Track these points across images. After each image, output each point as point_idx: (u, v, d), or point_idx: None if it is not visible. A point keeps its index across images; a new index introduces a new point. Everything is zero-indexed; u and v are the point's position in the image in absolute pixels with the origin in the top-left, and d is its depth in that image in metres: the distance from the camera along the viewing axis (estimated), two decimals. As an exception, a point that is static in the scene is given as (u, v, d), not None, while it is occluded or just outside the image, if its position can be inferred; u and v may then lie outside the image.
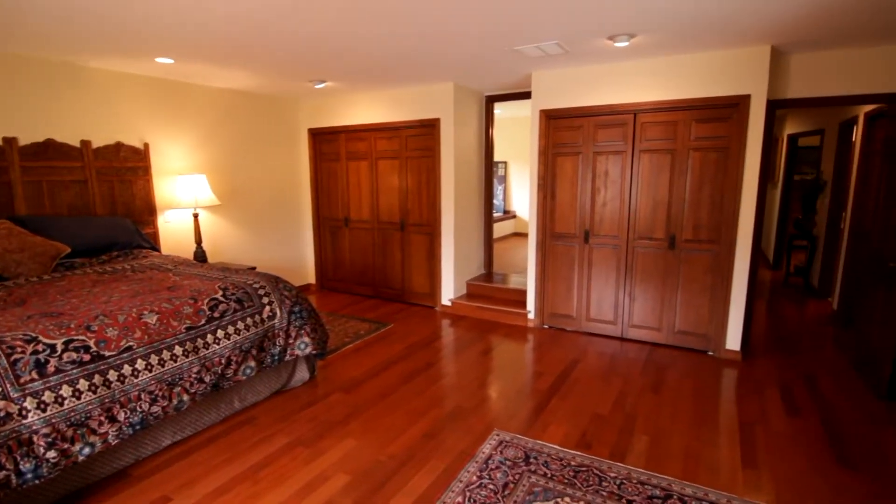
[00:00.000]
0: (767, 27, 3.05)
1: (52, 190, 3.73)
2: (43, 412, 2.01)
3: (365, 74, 4.41)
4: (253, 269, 4.13)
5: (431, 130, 5.07)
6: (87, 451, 2.12)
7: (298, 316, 3.23)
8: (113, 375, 2.26)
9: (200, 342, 2.67)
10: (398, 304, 5.57)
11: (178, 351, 2.55)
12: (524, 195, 9.95)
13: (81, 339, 2.24)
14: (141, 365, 2.38)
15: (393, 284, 5.66)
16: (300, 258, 6.20)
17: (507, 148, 9.73)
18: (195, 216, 4.55)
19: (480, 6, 2.64)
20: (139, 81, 4.26)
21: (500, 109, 7.42)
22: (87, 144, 3.91)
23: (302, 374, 3.43)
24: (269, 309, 3.10)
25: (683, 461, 2.52)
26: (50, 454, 1.99)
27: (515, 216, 10.21)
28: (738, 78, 3.59)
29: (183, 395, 2.51)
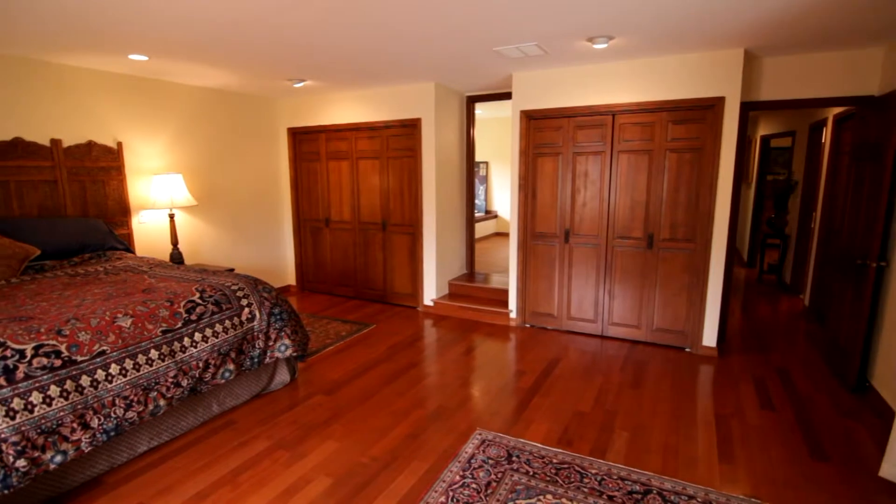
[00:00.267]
0: (740, 31, 3.12)
1: (20, 190, 3.61)
2: (12, 420, 1.95)
3: (345, 74, 4.38)
4: (231, 270, 4.07)
5: (413, 130, 5.06)
6: (58, 459, 2.06)
7: (278, 318, 3.19)
8: (86, 381, 2.20)
9: (177, 345, 2.62)
10: (380, 304, 5.55)
11: (153, 355, 2.49)
12: (505, 195, 10.00)
13: (52, 343, 2.18)
14: (115, 370, 2.32)
15: (375, 285, 5.63)
16: (280, 259, 6.13)
17: (488, 148, 9.77)
18: (171, 217, 4.46)
19: (460, 7, 2.65)
20: (112, 79, 4.16)
21: (481, 110, 7.45)
22: (57, 143, 3.80)
23: (282, 376, 3.39)
24: (248, 311, 3.05)
25: (662, 456, 2.56)
26: (20, 463, 1.93)
27: (497, 216, 10.26)
28: (712, 80, 3.67)
29: (159, 399, 2.46)
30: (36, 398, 2.03)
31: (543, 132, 4.40)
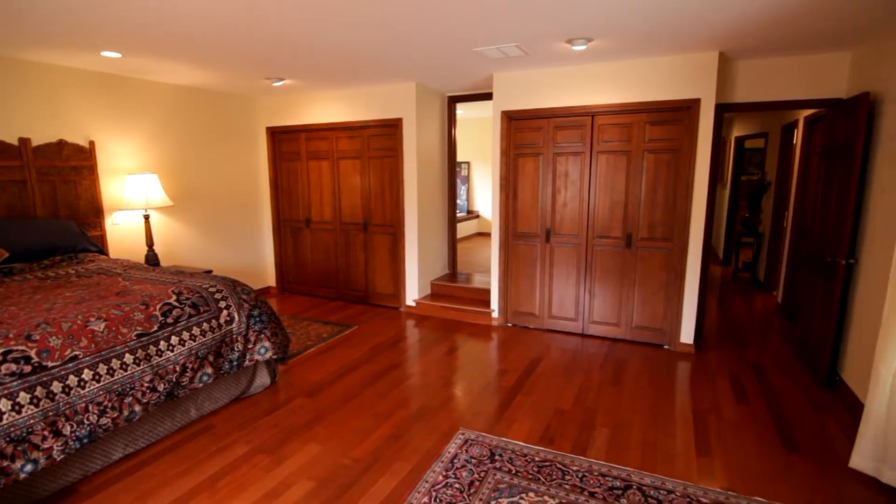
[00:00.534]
0: (714, 35, 3.19)
1: (-14, 191, 3.49)
2: (-22, 429, 1.88)
3: (325, 73, 4.34)
4: (209, 272, 3.99)
5: (394, 130, 5.04)
6: (29, 468, 1.99)
7: (258, 320, 3.14)
8: (57, 387, 2.14)
9: (153, 349, 2.56)
10: (362, 305, 5.51)
11: (128, 359, 2.43)
12: (487, 195, 10.03)
13: (21, 349, 2.11)
14: (88, 375, 2.26)
15: (356, 286, 5.59)
16: (259, 260, 6.04)
17: (469, 148, 9.79)
18: (146, 218, 4.36)
19: (440, 7, 2.65)
20: (84, 76, 4.04)
21: (462, 110, 7.46)
22: (25, 142, 3.68)
23: (262, 379, 3.34)
24: (226, 313, 3.00)
25: (642, 451, 2.60)
26: (-14, 473, 1.87)
27: (479, 216, 10.29)
28: (688, 82, 3.74)
29: (135, 405, 2.40)
30: (4, 405, 1.96)
31: (524, 133, 4.43)
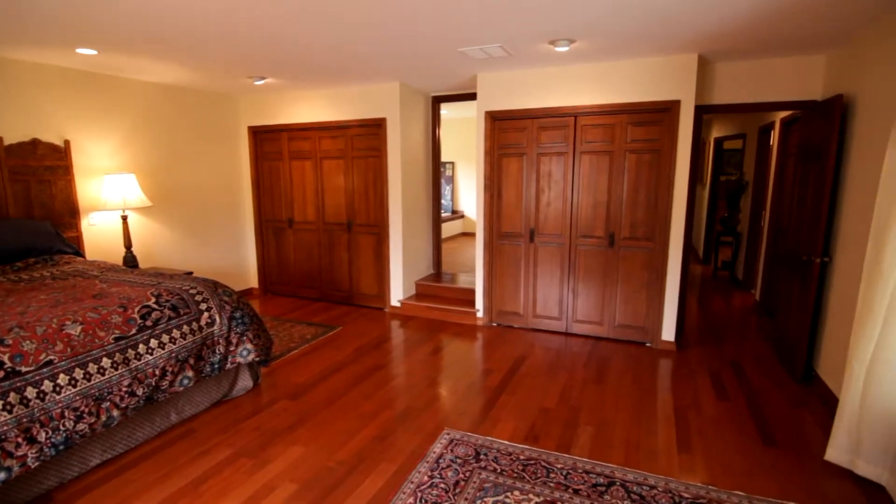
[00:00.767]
0: (693, 37, 3.24)
1: (-45, 191, 3.38)
2: (-53, 437, 1.82)
3: (308, 72, 4.30)
4: (190, 274, 3.93)
5: (378, 130, 5.02)
6: (2, 476, 1.93)
7: (240, 322, 3.10)
8: (31, 392, 2.08)
9: (131, 353, 2.51)
10: (346, 306, 5.48)
11: (105, 363, 2.38)
12: (472, 195, 10.05)
13: (-7, 354, 2.05)
14: (63, 380, 2.20)
15: (340, 286, 5.55)
16: (241, 261, 5.96)
17: (454, 148, 9.80)
18: (124, 219, 4.27)
19: (424, 7, 2.64)
20: (59, 73, 3.94)
21: (446, 110, 7.44)
22: (-3, 141, 3.58)
23: (245, 382, 3.30)
24: (207, 315, 2.96)
25: (625, 449, 2.64)
26: (-43, 482, 1.81)
27: (463, 216, 10.30)
28: (669, 84, 3.80)
29: (112, 410, 2.35)
30: (-25, 412, 1.91)
31: (508, 133, 4.45)
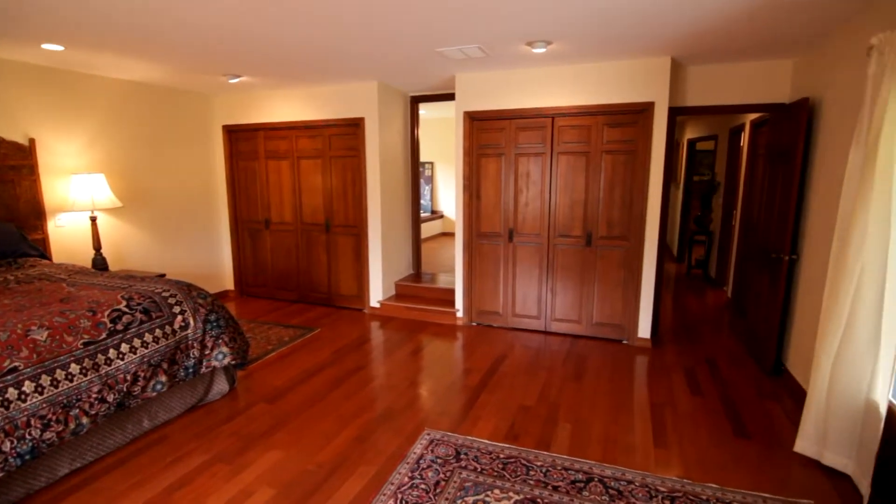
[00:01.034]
0: (665, 41, 3.31)
1: (-90, 191, 3.23)
2: None
3: (284, 70, 4.24)
4: (162, 276, 3.84)
5: (356, 130, 4.98)
6: (-38, 489, 1.86)
7: (215, 325, 3.04)
8: (-6, 401, 2.00)
9: (101, 358, 2.43)
10: (325, 308, 5.42)
11: (74, 369, 2.30)
12: (451, 195, 10.07)
13: (-48, 361, 1.96)
14: (29, 387, 2.12)
15: (319, 288, 5.49)
16: (217, 263, 5.84)
17: (433, 149, 9.80)
18: (93, 220, 4.14)
19: (401, 7, 2.63)
20: (23, 69, 3.80)
21: (425, 110, 7.45)
22: (-45, 139, 3.43)
23: (220, 386, 3.23)
24: (181, 318, 2.89)
25: (603, 445, 2.67)
26: (-87, 497, 1.73)
27: (443, 216, 10.31)
28: (643, 86, 3.87)
29: (82, 417, 2.28)
30: (-67, 423, 1.82)
31: (487, 133, 4.47)
